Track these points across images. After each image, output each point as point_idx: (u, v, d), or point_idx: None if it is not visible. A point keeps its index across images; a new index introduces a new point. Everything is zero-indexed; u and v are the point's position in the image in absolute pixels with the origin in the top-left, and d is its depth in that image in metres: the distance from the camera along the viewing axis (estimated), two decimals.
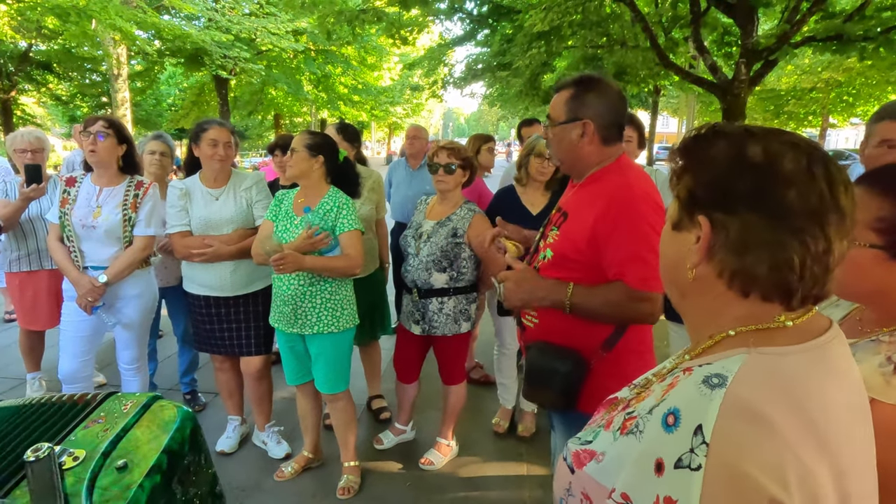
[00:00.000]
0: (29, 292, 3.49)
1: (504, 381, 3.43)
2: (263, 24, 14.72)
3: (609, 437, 0.79)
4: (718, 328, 0.77)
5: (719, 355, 0.74)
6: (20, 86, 17.91)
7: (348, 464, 2.87)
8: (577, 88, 1.67)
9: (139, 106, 21.71)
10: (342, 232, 2.59)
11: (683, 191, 0.78)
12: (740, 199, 0.72)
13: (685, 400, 0.70)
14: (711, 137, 0.78)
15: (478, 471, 3.07)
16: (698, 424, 0.65)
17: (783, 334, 0.73)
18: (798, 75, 20.13)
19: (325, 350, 2.67)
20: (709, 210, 0.74)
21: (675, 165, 0.82)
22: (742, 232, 0.72)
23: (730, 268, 0.74)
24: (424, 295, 2.85)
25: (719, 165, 0.75)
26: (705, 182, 0.76)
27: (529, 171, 3.05)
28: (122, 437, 1.51)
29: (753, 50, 8.57)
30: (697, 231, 0.76)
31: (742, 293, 0.75)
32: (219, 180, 2.94)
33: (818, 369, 0.71)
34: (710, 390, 0.67)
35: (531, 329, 1.77)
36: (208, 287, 2.94)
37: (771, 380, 0.68)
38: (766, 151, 0.72)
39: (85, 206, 2.76)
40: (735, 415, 0.64)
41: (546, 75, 12.75)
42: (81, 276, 2.75)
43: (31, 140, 3.32)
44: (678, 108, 28.21)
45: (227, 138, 2.88)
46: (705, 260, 0.76)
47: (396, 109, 28.41)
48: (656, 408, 0.73)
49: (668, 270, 0.85)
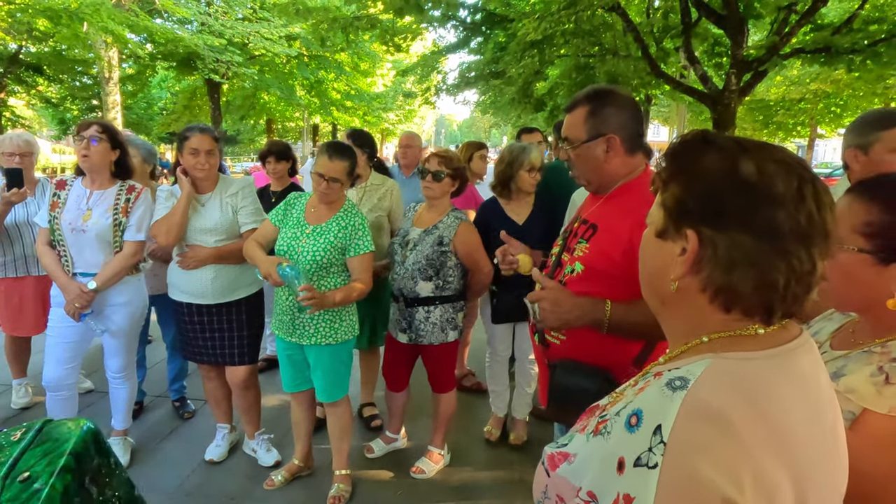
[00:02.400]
0: (15, 298, 3.44)
1: (496, 389, 3.41)
2: (257, 29, 14.71)
3: (582, 440, 0.81)
4: (695, 336, 0.78)
5: (688, 360, 0.75)
6: (9, 88, 17.76)
7: (339, 472, 2.85)
8: (594, 104, 1.64)
9: (130, 109, 21.59)
10: (355, 255, 2.58)
11: (671, 200, 0.78)
12: (731, 217, 0.72)
13: (648, 401, 0.71)
14: (701, 146, 0.78)
15: (469, 479, 3.05)
16: (658, 424, 0.66)
17: (752, 341, 0.74)
18: (787, 86, 20.36)
19: (322, 360, 2.66)
20: (697, 224, 0.74)
21: (662, 170, 0.82)
22: (731, 250, 0.72)
23: (715, 284, 0.74)
24: (410, 304, 2.83)
25: (712, 179, 0.74)
26: (696, 194, 0.75)
27: (520, 186, 3.03)
28: (19, 458, 1.45)
29: (743, 61, 8.67)
30: (683, 243, 0.76)
31: (724, 308, 0.75)
32: (205, 187, 2.87)
33: (781, 374, 0.71)
34: (672, 392, 0.68)
35: (556, 347, 1.70)
36: (190, 294, 2.88)
37: (732, 383, 0.69)
38: (761, 170, 0.72)
39: (75, 209, 2.73)
40: (693, 415, 0.65)
41: (539, 83, 12.83)
42: (70, 281, 2.71)
43: (20, 144, 3.27)
44: (669, 116, 28.42)
45: (208, 146, 2.75)
46: (690, 273, 0.76)
47: (389, 115, 28.45)
48: (623, 409, 0.74)
49: (649, 277, 0.85)
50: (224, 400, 3.16)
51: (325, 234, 2.57)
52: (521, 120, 20.25)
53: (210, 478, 2.97)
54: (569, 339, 1.66)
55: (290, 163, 4.01)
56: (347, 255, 2.58)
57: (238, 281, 2.90)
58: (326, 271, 2.57)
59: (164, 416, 3.60)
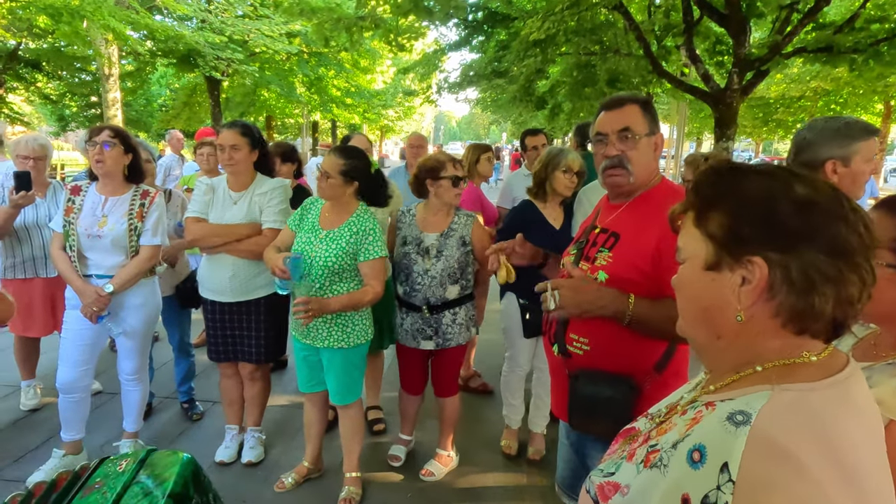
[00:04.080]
0: (24, 299, 3.45)
1: (513, 403, 3.34)
2: (257, 27, 14.65)
3: (632, 470, 0.80)
4: (749, 364, 0.77)
5: (742, 391, 0.75)
6: (8, 84, 17.69)
7: (350, 475, 2.87)
8: (643, 103, 1.68)
9: (129, 106, 21.50)
10: (366, 259, 2.58)
11: (719, 230, 0.76)
12: (799, 237, 0.71)
13: (710, 436, 0.70)
14: (736, 173, 0.78)
15: (478, 481, 3.08)
16: (724, 462, 0.66)
17: (808, 370, 0.74)
18: (787, 84, 20.36)
19: (335, 363, 2.69)
20: (761, 249, 0.72)
21: (693, 202, 0.81)
22: (806, 269, 0.71)
23: (791, 308, 0.73)
24: (437, 310, 2.85)
25: (766, 201, 0.73)
26: (751, 219, 0.74)
27: (555, 187, 2.98)
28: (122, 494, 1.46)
29: (745, 60, 8.66)
30: (743, 272, 0.74)
31: (797, 332, 0.75)
32: (240, 183, 2.93)
33: (842, 406, 0.71)
34: (735, 427, 0.68)
35: (579, 357, 1.68)
36: (213, 291, 2.97)
37: (796, 417, 0.68)
38: (816, 189, 0.73)
39: (90, 216, 2.75)
40: (761, 453, 0.65)
41: (540, 82, 12.82)
42: (86, 285, 2.73)
43: (35, 147, 3.29)
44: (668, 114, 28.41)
45: (232, 141, 2.81)
46: (760, 301, 0.74)
47: (388, 112, 28.38)
48: (680, 443, 0.74)
49: (698, 312, 0.83)
50: (237, 401, 3.20)
51: (337, 239, 2.59)
52: (522, 117, 20.24)
53: (220, 480, 2.98)
54: (594, 347, 1.65)
55: (295, 165, 4.01)
56: (358, 259, 2.59)
57: (257, 281, 2.94)
58: (339, 276, 2.59)
59: (173, 418, 3.62)
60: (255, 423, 3.20)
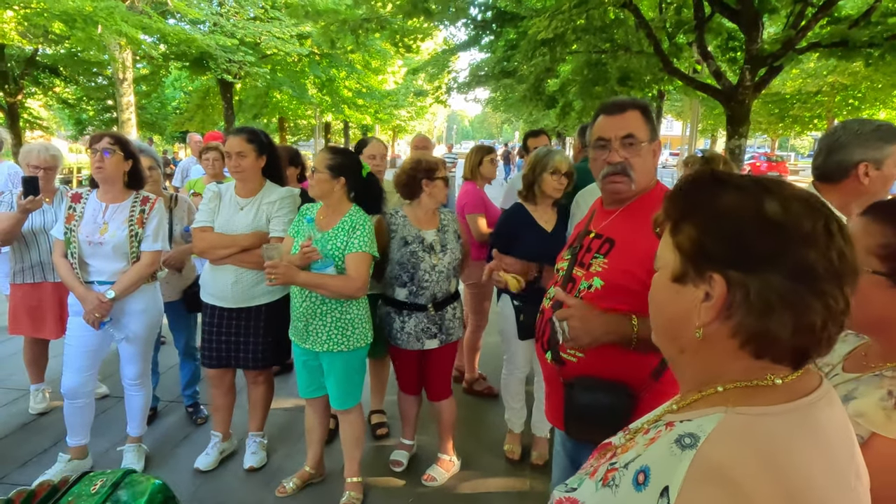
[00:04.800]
0: (34, 303, 3.50)
1: (514, 406, 3.32)
2: (268, 29, 14.76)
3: (592, 487, 0.78)
4: (712, 383, 0.75)
5: (701, 412, 0.72)
6: (27, 89, 18.00)
7: (351, 479, 2.87)
8: (643, 109, 1.66)
9: (144, 109, 21.79)
10: (350, 252, 2.57)
11: (687, 242, 0.74)
12: (762, 258, 0.68)
13: (657, 459, 0.69)
14: (714, 185, 0.76)
15: (480, 486, 3.06)
16: (665, 486, 0.64)
17: (769, 393, 0.71)
18: (803, 79, 20.08)
19: (335, 367, 2.68)
20: (723, 267, 0.70)
21: (671, 210, 0.79)
22: (765, 293, 0.68)
23: (748, 330, 0.70)
24: (441, 306, 2.90)
25: (735, 220, 0.71)
26: (718, 236, 0.72)
27: (543, 189, 2.98)
28: None
29: (758, 56, 8.54)
30: (706, 287, 0.72)
31: (755, 355, 0.72)
32: (248, 190, 2.94)
33: (799, 431, 0.67)
34: (681, 450, 0.66)
35: (573, 364, 1.66)
36: (214, 296, 2.97)
37: (744, 442, 0.65)
38: (786, 209, 0.70)
39: (91, 223, 2.77)
40: (702, 478, 0.62)
41: (550, 80, 12.76)
42: (88, 291, 2.75)
43: (46, 158, 3.34)
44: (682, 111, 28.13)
45: (237, 148, 2.82)
46: (718, 319, 0.72)
47: (400, 113, 28.46)
48: (632, 462, 0.72)
49: (666, 324, 0.81)
50: (224, 409, 3.18)
51: (333, 239, 2.60)
52: (533, 116, 20.17)
53: (223, 485, 3.00)
54: (588, 355, 1.62)
55: (298, 169, 4.02)
56: (344, 253, 2.59)
57: (258, 288, 2.94)
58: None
59: (177, 422, 3.64)
60: (258, 428, 3.21)
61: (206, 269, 3.02)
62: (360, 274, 2.57)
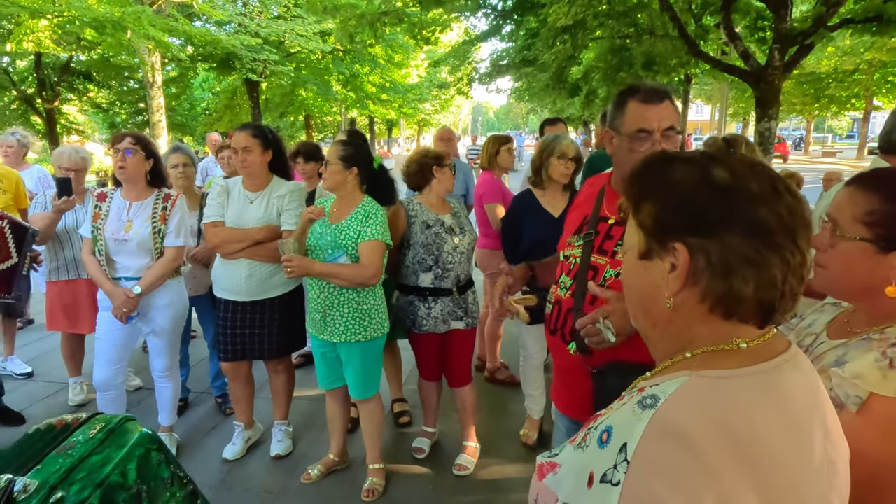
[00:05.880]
0: (69, 299, 3.64)
1: (531, 392, 3.35)
2: (291, 27, 14.93)
3: (570, 451, 0.82)
4: (681, 351, 0.78)
5: (668, 376, 0.75)
6: (63, 95, 18.60)
7: (373, 466, 2.93)
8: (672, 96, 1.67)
9: (174, 111, 22.27)
10: (363, 240, 2.62)
11: (648, 219, 0.78)
12: (716, 222, 0.72)
13: (620, 419, 0.72)
14: (664, 163, 0.80)
15: (501, 472, 3.08)
16: (624, 442, 0.67)
17: (734, 357, 0.74)
18: (839, 57, 19.42)
19: (353, 357, 2.73)
20: (683, 236, 0.74)
21: (629, 194, 0.83)
22: (724, 253, 0.71)
23: (715, 292, 0.73)
24: (463, 290, 2.98)
25: (686, 189, 0.75)
26: (674, 207, 0.75)
27: (550, 174, 3.01)
28: (76, 465, 1.37)
29: (787, 35, 8.28)
30: (671, 258, 0.75)
31: (724, 316, 0.75)
32: (256, 185, 3.00)
33: (758, 393, 0.70)
34: (642, 410, 0.69)
35: (602, 353, 1.63)
36: (228, 291, 3.02)
37: (702, 402, 0.68)
38: (733, 173, 0.73)
39: (116, 221, 2.87)
40: (658, 435, 0.65)
41: (573, 68, 12.60)
42: (115, 287, 2.86)
43: (77, 160, 3.46)
44: (712, 94, 27.51)
45: (243, 143, 2.88)
46: (686, 286, 0.75)
47: (425, 106, 28.49)
48: (601, 424, 0.75)
49: (638, 300, 0.84)
50: (244, 399, 3.26)
51: (346, 230, 2.65)
52: (557, 105, 19.96)
53: (250, 472, 3.09)
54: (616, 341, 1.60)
55: (319, 163, 4.08)
56: (357, 242, 2.63)
57: (272, 280, 3.00)
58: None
59: (207, 412, 3.76)
60: (283, 417, 3.29)
61: (218, 265, 3.07)
62: (373, 262, 2.60)
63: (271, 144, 3.00)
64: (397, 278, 3.04)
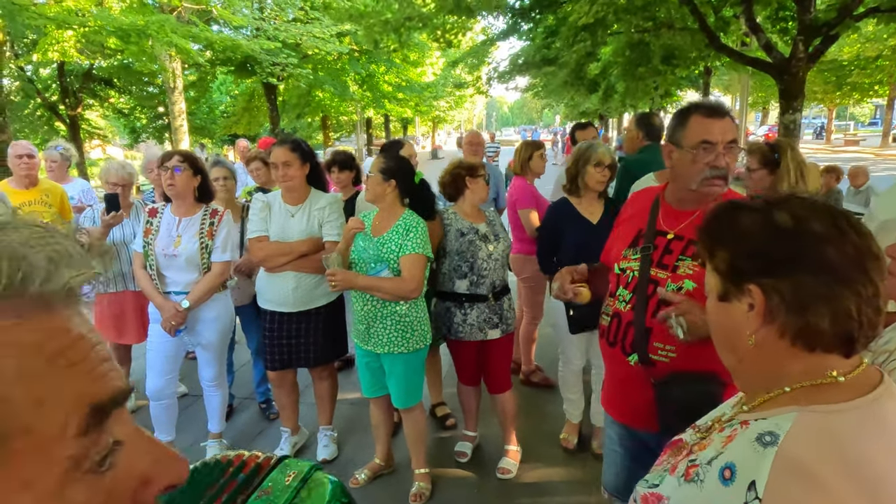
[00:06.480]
0: (117, 310, 3.76)
1: (571, 397, 3.40)
2: (309, 30, 15.02)
3: (674, 483, 0.86)
4: (777, 384, 0.83)
5: (774, 411, 0.80)
6: (85, 101, 18.92)
7: (419, 471, 3.00)
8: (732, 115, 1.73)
9: (193, 115, 22.51)
10: (404, 254, 2.68)
11: (722, 265, 0.86)
12: (786, 263, 0.78)
13: (740, 455, 0.76)
14: (731, 212, 0.87)
15: (543, 475, 3.14)
16: (752, 480, 0.71)
17: (835, 390, 0.78)
18: (861, 43, 19.05)
19: (396, 368, 2.80)
20: (757, 278, 0.80)
21: (703, 243, 0.90)
22: (797, 292, 0.77)
23: (793, 328, 0.79)
24: (499, 295, 3.02)
25: (754, 235, 0.82)
26: (745, 254, 0.83)
27: (587, 182, 3.03)
28: None
29: (812, 25, 8.17)
30: (748, 299, 0.82)
31: (807, 348, 0.80)
32: (296, 198, 3.08)
33: (869, 427, 0.74)
34: (763, 448, 0.73)
35: (664, 364, 1.70)
36: (273, 302, 3.11)
37: (821, 438, 0.73)
38: (795, 216, 0.80)
39: (166, 237, 2.97)
40: (786, 473, 0.70)
41: (591, 64, 12.55)
42: (166, 301, 2.96)
43: (124, 175, 3.58)
44: (730, 84, 27.14)
45: (283, 158, 2.95)
46: (765, 324, 0.81)
47: (440, 103, 28.50)
48: (715, 459, 0.80)
49: (722, 338, 0.91)
50: (289, 406, 3.36)
51: (388, 242, 2.71)
52: (575, 101, 19.88)
53: None
54: (680, 353, 1.66)
55: (353, 172, 4.16)
56: (398, 255, 2.69)
57: (317, 291, 3.08)
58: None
59: (252, 418, 3.86)
60: (328, 422, 3.38)
61: (262, 277, 3.17)
62: (414, 275, 2.66)
63: (308, 158, 3.08)
64: (435, 286, 3.11)
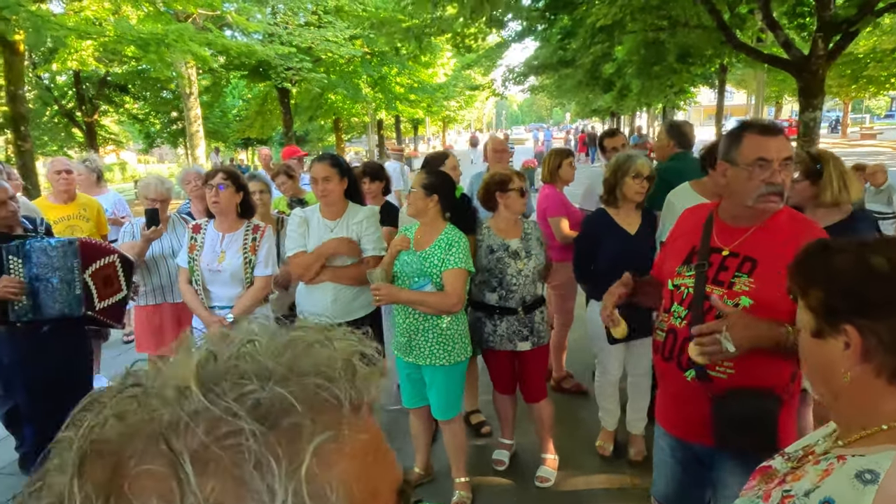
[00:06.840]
0: (156, 322, 3.83)
1: (607, 407, 3.43)
2: (322, 34, 15.11)
3: None
4: (873, 421, 0.85)
5: (872, 448, 0.82)
6: (101, 108, 19.16)
7: (459, 480, 3.04)
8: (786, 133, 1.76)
9: (207, 119, 22.70)
10: (447, 268, 2.72)
11: (816, 303, 0.88)
12: (883, 307, 0.81)
13: (839, 491, 0.79)
14: (823, 252, 0.90)
15: (581, 483, 3.17)
16: None
17: None
18: (878, 36, 18.82)
19: (437, 380, 2.85)
20: (852, 318, 0.83)
21: (797, 280, 0.92)
22: (895, 334, 0.80)
23: (890, 367, 0.82)
24: (530, 309, 3.03)
25: (848, 277, 0.84)
26: (839, 294, 0.85)
27: (625, 193, 3.04)
28: None
29: (831, 22, 8.11)
30: (844, 338, 0.84)
31: None
32: (334, 212, 3.13)
33: None
34: (863, 486, 0.76)
35: (722, 381, 1.72)
36: (312, 314, 3.15)
37: None
38: (891, 261, 0.82)
39: (210, 252, 3.04)
40: None
41: (606, 65, 12.52)
42: (211, 315, 3.03)
43: (162, 191, 3.65)
44: (743, 79, 26.95)
45: (323, 173, 3.00)
46: (861, 363, 0.83)
47: (450, 103, 28.54)
48: (812, 493, 0.82)
49: (817, 374, 0.93)
50: None
51: (430, 257, 2.75)
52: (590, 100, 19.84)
53: None
54: (738, 369, 1.68)
55: (383, 183, 4.20)
56: (441, 270, 2.73)
57: (355, 303, 3.14)
58: None
59: None
60: None
61: (302, 290, 3.22)
62: (456, 289, 2.71)
63: (346, 172, 3.13)
64: (469, 295, 3.15)
